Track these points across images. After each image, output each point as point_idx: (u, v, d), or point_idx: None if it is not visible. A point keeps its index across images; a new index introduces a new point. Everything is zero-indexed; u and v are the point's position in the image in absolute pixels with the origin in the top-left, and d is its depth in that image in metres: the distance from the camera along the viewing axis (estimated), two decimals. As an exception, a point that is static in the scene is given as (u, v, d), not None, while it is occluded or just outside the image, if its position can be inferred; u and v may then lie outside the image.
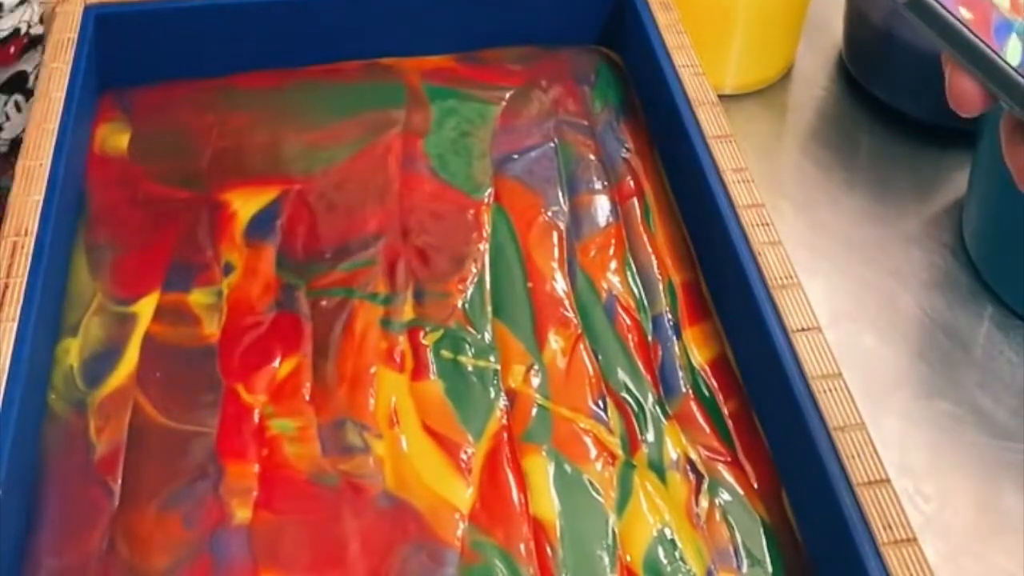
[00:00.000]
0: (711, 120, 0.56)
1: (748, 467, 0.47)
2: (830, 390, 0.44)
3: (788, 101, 0.75)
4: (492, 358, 0.50)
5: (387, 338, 0.50)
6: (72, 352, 0.49)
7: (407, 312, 0.52)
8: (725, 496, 0.46)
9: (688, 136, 0.55)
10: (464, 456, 0.47)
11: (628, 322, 0.52)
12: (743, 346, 0.50)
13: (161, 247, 0.54)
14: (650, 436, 0.48)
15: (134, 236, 0.54)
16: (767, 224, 0.51)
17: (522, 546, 0.44)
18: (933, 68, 0.67)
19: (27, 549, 0.43)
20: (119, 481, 0.45)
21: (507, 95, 0.62)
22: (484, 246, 0.55)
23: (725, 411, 0.49)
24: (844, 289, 0.63)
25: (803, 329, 0.47)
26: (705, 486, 0.46)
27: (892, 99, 0.72)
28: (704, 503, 0.46)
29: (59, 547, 0.43)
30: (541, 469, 0.46)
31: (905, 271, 0.64)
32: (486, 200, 0.57)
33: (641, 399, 0.49)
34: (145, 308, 0.51)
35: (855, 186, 0.69)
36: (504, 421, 0.48)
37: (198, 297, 0.52)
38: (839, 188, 0.69)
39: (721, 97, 0.59)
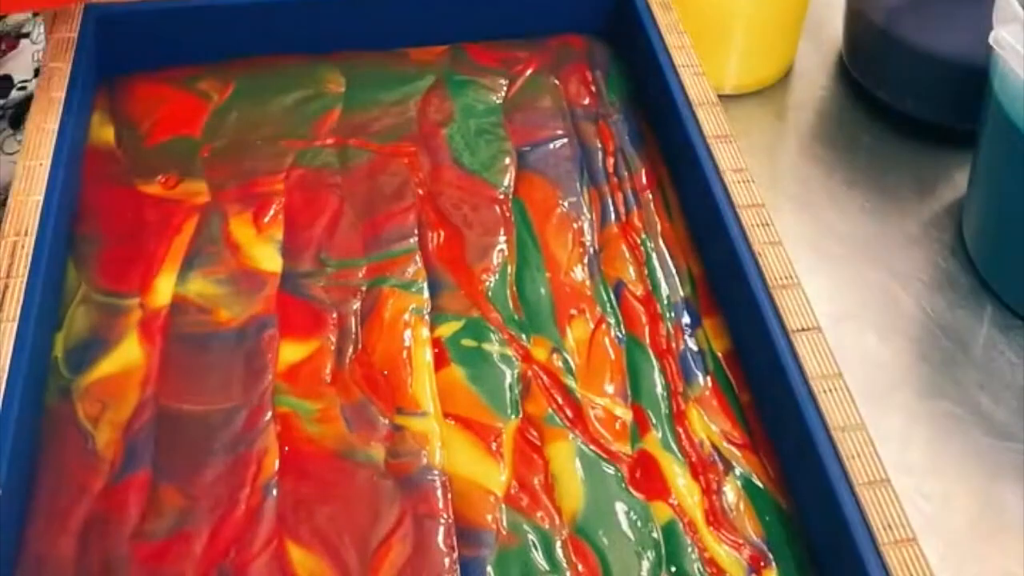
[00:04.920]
0: (711, 120, 0.56)
1: (764, 457, 0.47)
2: (830, 390, 0.44)
3: (788, 101, 0.75)
4: (516, 346, 0.50)
5: (414, 326, 0.51)
6: (58, 344, 0.49)
7: (433, 301, 0.52)
8: (745, 483, 0.46)
9: (688, 136, 0.55)
10: (494, 439, 0.47)
11: (644, 310, 0.52)
12: (744, 346, 0.50)
13: (162, 237, 0.54)
14: (669, 423, 0.48)
15: (125, 227, 0.54)
16: (767, 224, 0.51)
17: (552, 528, 0.44)
18: (933, 68, 0.68)
19: (22, 537, 0.43)
20: (122, 462, 0.45)
21: (520, 82, 0.62)
22: (507, 236, 0.55)
23: (742, 400, 0.49)
24: (844, 289, 0.63)
25: (803, 329, 0.47)
26: (724, 472, 0.46)
27: (892, 99, 0.72)
28: (725, 489, 0.46)
29: (49, 533, 0.43)
30: (567, 453, 0.46)
31: (905, 271, 0.64)
32: (508, 190, 0.57)
33: (660, 386, 0.49)
34: (149, 298, 0.51)
35: (855, 186, 0.69)
36: (529, 407, 0.48)
37: (205, 287, 0.52)
38: (839, 188, 0.69)
39: (721, 97, 0.59)
